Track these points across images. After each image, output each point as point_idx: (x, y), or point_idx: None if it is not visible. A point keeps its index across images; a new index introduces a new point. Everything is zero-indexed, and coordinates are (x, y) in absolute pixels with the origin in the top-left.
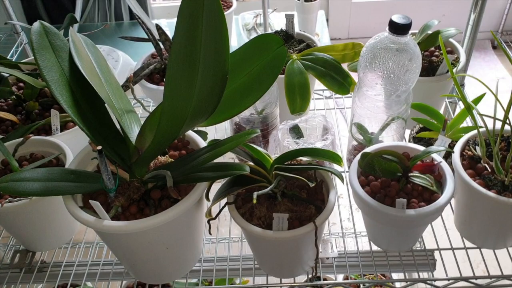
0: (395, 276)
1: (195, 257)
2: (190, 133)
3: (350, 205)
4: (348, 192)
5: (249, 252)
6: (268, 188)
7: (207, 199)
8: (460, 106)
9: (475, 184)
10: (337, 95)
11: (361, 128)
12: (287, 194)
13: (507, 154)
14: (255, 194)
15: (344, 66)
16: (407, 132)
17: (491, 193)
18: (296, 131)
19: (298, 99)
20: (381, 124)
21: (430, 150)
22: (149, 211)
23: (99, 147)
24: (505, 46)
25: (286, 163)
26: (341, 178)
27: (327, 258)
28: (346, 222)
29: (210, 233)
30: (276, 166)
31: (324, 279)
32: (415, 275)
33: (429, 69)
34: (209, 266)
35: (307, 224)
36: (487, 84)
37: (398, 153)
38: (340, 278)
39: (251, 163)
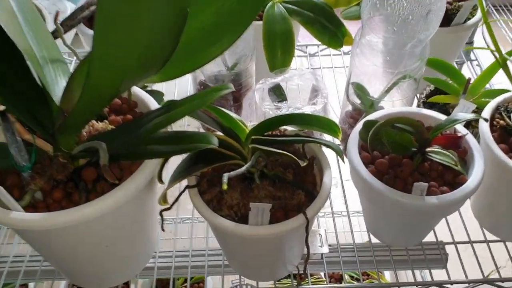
0: (401, 274)
1: (146, 254)
2: (140, 92)
3: (342, 185)
4: (339, 167)
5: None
6: (244, 168)
7: (160, 181)
8: (472, 69)
9: (509, 161)
10: (323, 53)
11: (360, 89)
12: (267, 175)
13: None
14: (225, 176)
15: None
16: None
17: None
18: (277, 93)
19: (279, 53)
20: (383, 86)
21: (456, 118)
22: (79, 197)
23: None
24: None
25: (266, 134)
26: (341, 155)
27: (314, 254)
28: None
29: (163, 229)
30: (253, 137)
31: (311, 275)
32: (425, 273)
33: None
34: (166, 262)
35: (294, 215)
36: None
37: (415, 120)
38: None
39: (221, 134)
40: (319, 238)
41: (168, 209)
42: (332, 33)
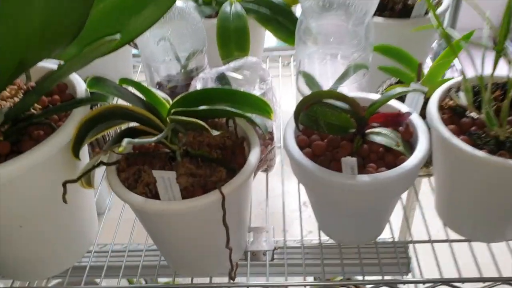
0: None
1: (78, 246)
2: (71, 75)
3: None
4: None
5: None
6: (154, 138)
7: (76, 156)
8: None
9: (458, 142)
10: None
11: (308, 77)
12: (191, 154)
13: (501, 105)
14: (125, 140)
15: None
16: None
17: (481, 153)
18: (222, 83)
19: (233, 49)
20: (333, 75)
21: (391, 92)
22: None
23: None
24: None
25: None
26: (266, 131)
27: (264, 254)
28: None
29: (64, 201)
30: (174, 111)
31: None
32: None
33: (402, 12)
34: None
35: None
36: None
37: (348, 96)
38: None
39: (142, 111)
40: (264, 234)
41: (75, 181)
42: (289, 31)
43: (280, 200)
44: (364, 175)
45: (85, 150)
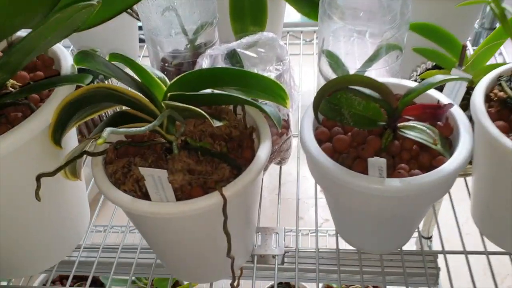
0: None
1: (67, 240)
2: (57, 49)
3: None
4: None
5: None
6: (145, 127)
7: (57, 144)
8: None
9: (507, 142)
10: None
11: (331, 57)
12: (191, 147)
13: None
14: (107, 130)
15: None
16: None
17: None
18: (233, 61)
19: (249, 23)
20: (361, 57)
21: (431, 80)
22: None
23: None
24: None
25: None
26: (279, 124)
27: (273, 257)
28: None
29: (37, 198)
30: (170, 94)
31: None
32: None
33: None
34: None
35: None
36: None
37: (380, 82)
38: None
39: (133, 93)
40: (274, 237)
41: (51, 174)
42: (313, 3)
43: (294, 185)
44: (395, 179)
45: (72, 137)
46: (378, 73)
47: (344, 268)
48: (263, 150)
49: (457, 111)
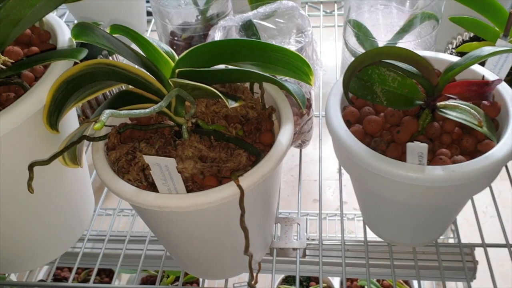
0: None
1: (69, 230)
2: (55, 22)
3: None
4: None
5: None
6: (151, 109)
7: (53, 128)
8: None
9: None
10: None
11: (358, 27)
12: (202, 131)
13: None
14: (106, 112)
15: None
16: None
17: None
18: (249, 32)
19: None
20: (391, 28)
21: (477, 52)
22: None
23: None
24: None
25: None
26: (303, 104)
27: (294, 249)
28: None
29: (30, 190)
30: (179, 70)
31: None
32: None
33: None
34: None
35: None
36: None
37: (421, 56)
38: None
39: (137, 70)
40: (296, 228)
41: (46, 163)
42: None
43: (310, 166)
44: (436, 167)
45: (71, 119)
46: (409, 46)
47: (373, 262)
48: (285, 134)
49: (505, 88)
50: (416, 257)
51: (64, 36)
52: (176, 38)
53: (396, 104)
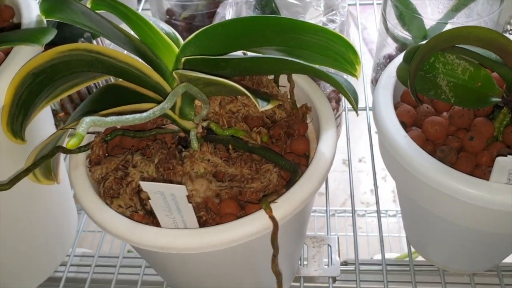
0: None
1: (49, 254)
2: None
3: (374, 169)
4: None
5: None
6: (149, 113)
7: (17, 136)
8: None
9: None
10: None
11: (406, 4)
12: (217, 138)
13: None
14: (85, 121)
15: None
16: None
17: None
18: (266, 9)
19: None
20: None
21: None
22: None
23: None
24: None
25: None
26: (355, 102)
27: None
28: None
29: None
30: (185, 59)
31: None
32: None
33: None
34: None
35: (254, 210)
36: None
37: (509, 40)
38: None
39: (129, 58)
40: (327, 251)
41: (5, 187)
42: None
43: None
44: None
45: (44, 120)
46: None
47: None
48: (328, 142)
49: None
50: (473, 280)
51: (31, 13)
52: (173, 18)
53: (466, 102)
